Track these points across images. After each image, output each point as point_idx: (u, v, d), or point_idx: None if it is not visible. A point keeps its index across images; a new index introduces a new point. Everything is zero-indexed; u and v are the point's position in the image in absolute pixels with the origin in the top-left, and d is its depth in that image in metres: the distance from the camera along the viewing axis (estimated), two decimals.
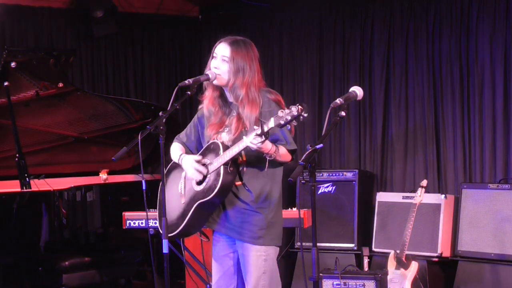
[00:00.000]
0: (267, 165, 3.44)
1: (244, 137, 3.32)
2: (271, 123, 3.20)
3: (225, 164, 3.42)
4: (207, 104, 3.62)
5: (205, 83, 3.60)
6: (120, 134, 6.26)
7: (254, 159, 3.47)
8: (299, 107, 3.14)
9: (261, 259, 3.51)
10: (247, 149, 3.36)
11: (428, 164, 6.18)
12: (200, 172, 3.50)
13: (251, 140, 3.26)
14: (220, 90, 3.60)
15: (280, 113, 3.18)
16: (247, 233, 3.51)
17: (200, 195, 3.50)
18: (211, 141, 3.55)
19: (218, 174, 3.44)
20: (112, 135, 6.29)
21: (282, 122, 3.16)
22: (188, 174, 3.57)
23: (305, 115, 3.13)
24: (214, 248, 3.69)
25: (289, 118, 3.14)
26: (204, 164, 3.52)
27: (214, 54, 3.57)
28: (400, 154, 6.36)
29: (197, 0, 7.70)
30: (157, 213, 3.80)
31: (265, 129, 3.22)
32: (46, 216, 5.30)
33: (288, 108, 3.17)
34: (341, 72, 6.75)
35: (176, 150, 3.69)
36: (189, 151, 3.70)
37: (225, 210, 3.55)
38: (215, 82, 3.54)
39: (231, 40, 3.56)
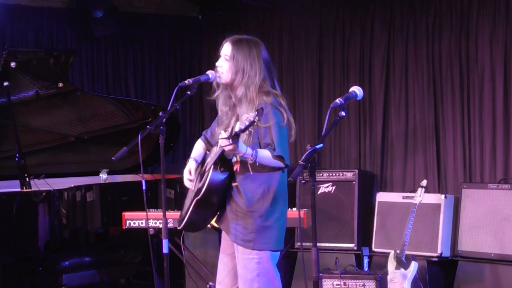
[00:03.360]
0: (250, 169, 3.44)
1: (219, 140, 3.33)
2: (237, 127, 3.20)
3: (215, 164, 3.43)
4: (220, 104, 3.63)
5: (214, 82, 3.59)
6: (120, 134, 6.26)
7: (244, 163, 3.47)
8: (256, 112, 3.16)
9: (253, 262, 3.51)
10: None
11: (428, 164, 6.18)
12: (189, 181, 3.61)
13: (221, 143, 3.28)
14: (228, 90, 3.59)
15: (243, 117, 3.18)
16: (239, 235, 3.52)
17: (196, 193, 3.53)
18: (217, 139, 3.58)
19: (208, 174, 3.47)
20: (112, 135, 6.29)
21: (242, 127, 3.17)
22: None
23: (256, 119, 3.14)
24: (222, 245, 3.71)
25: (247, 123, 3.16)
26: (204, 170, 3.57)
27: (220, 53, 3.57)
28: (400, 154, 6.36)
29: (197, 0, 7.70)
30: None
31: (233, 133, 3.23)
32: (46, 216, 5.30)
33: (252, 112, 3.19)
34: (341, 72, 6.75)
35: (194, 150, 3.74)
36: (211, 147, 3.73)
37: (225, 210, 3.56)
38: (218, 80, 3.54)
39: (235, 39, 3.56)
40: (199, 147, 3.75)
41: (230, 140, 3.22)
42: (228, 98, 3.59)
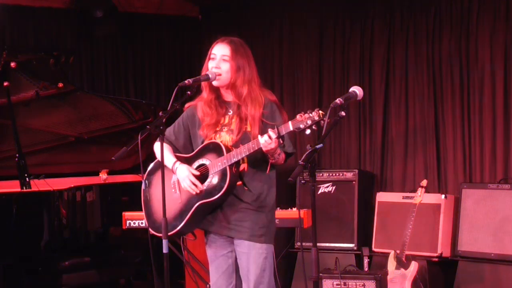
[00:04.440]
0: (268, 168, 3.46)
1: (259, 136, 3.31)
2: (290, 127, 3.19)
3: (231, 165, 3.42)
4: (202, 106, 3.61)
5: (202, 85, 3.59)
6: (120, 134, 6.26)
7: (255, 161, 3.47)
8: (320, 111, 3.13)
9: (262, 257, 3.53)
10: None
11: (428, 164, 6.18)
12: (194, 187, 3.47)
13: (265, 143, 3.26)
14: (216, 92, 3.60)
15: (298, 117, 3.16)
16: (249, 232, 3.51)
17: (203, 195, 3.49)
18: (209, 141, 3.55)
19: (224, 175, 3.43)
20: (112, 135, 6.29)
21: (302, 126, 3.14)
22: (182, 185, 3.53)
23: (327, 120, 3.11)
24: (210, 249, 3.67)
25: (309, 122, 3.13)
26: (203, 172, 3.51)
27: (212, 55, 3.58)
28: (400, 154, 6.36)
29: (197, 0, 7.70)
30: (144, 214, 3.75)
31: (282, 132, 3.22)
32: (46, 216, 5.30)
33: (307, 112, 3.16)
34: (341, 72, 6.74)
35: (167, 154, 3.59)
36: (176, 150, 3.66)
37: (222, 210, 3.54)
38: (215, 83, 3.54)
39: (229, 40, 3.58)
40: (169, 150, 3.63)
41: (280, 140, 3.23)
42: (214, 99, 3.58)
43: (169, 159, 3.58)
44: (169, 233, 3.52)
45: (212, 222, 3.58)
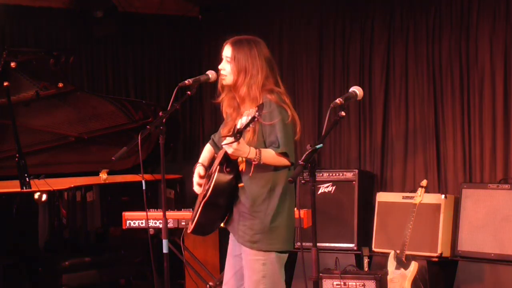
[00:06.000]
0: (252, 170, 3.41)
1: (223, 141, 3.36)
2: (239, 125, 3.21)
3: (220, 164, 3.43)
4: (224, 107, 3.62)
5: (219, 85, 3.59)
6: (120, 134, 6.26)
7: (250, 162, 3.46)
8: (257, 107, 3.19)
9: (259, 263, 3.49)
10: None
11: (428, 164, 6.18)
12: (198, 186, 3.60)
13: (224, 143, 3.27)
14: (233, 91, 3.59)
15: (244, 114, 3.19)
16: (245, 237, 3.50)
17: (203, 195, 3.52)
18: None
19: (213, 175, 3.46)
20: (112, 135, 6.29)
21: (244, 124, 3.19)
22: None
23: (257, 115, 3.14)
24: (229, 247, 3.70)
25: (249, 118, 3.17)
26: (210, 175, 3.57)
27: (222, 56, 3.58)
28: (400, 154, 6.36)
29: (197, 0, 7.70)
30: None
31: (235, 130, 3.23)
32: (46, 216, 5.30)
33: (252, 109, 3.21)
34: (341, 72, 6.75)
35: (201, 155, 3.74)
36: (218, 150, 3.69)
37: (232, 211, 3.55)
38: (223, 82, 3.54)
39: (234, 40, 3.56)
40: (206, 151, 3.74)
41: (233, 138, 3.21)
42: (232, 99, 3.58)
43: (200, 159, 3.73)
44: (189, 230, 3.62)
45: (229, 222, 3.60)
